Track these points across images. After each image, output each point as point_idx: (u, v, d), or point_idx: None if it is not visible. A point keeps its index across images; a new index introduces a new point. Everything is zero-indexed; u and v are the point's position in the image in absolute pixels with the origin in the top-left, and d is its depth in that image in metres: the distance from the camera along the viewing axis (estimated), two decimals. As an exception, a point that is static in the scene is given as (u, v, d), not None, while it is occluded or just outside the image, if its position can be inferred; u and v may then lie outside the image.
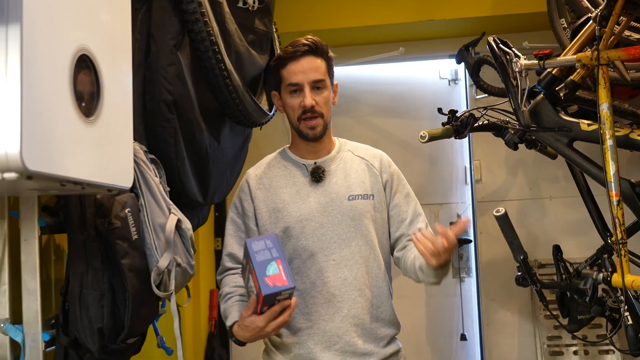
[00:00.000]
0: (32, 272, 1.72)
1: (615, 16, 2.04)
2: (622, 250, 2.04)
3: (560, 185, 3.81)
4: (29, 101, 1.18)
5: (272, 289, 1.70)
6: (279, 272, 1.73)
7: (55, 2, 1.30)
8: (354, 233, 1.98)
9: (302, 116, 2.00)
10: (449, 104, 3.98)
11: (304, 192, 2.02)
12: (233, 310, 1.95)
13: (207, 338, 3.76)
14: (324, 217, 1.98)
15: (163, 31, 2.22)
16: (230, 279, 2.03)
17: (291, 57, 1.99)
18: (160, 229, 1.93)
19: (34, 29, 1.20)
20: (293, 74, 1.99)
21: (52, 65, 1.28)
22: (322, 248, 1.96)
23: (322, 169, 2.03)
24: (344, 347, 1.92)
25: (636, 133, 2.12)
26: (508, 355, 3.82)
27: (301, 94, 1.99)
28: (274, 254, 1.75)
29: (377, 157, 2.12)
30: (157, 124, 2.23)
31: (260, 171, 2.11)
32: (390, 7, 3.70)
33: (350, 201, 2.00)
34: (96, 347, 1.81)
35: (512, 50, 2.35)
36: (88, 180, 1.41)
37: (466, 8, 3.66)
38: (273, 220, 2.00)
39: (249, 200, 2.06)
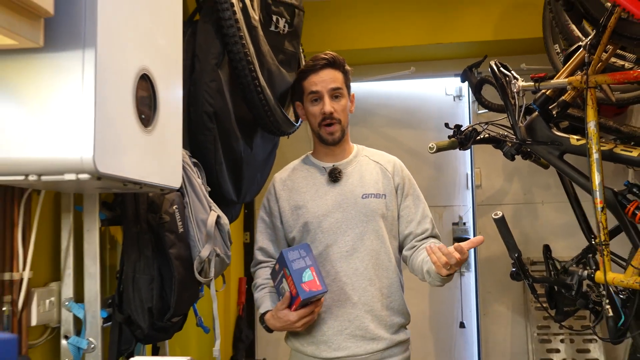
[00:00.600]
0: (93, 258, 1.78)
1: (603, 45, 2.05)
2: (604, 250, 2.05)
3: (551, 192, 3.80)
4: (100, 114, 1.24)
5: (308, 294, 1.75)
6: (313, 279, 1.78)
7: (123, 30, 1.36)
8: (366, 228, 1.98)
9: (322, 122, 2.01)
10: (454, 118, 3.99)
11: (322, 191, 2.02)
12: (265, 300, 1.97)
13: (235, 320, 3.79)
14: (339, 213, 1.98)
15: (206, 52, 2.27)
16: (262, 271, 2.05)
17: (312, 69, 2.03)
18: (202, 223, 1.98)
19: (105, 53, 1.26)
20: (313, 84, 2.02)
21: (119, 83, 1.34)
22: (336, 241, 1.97)
23: (339, 170, 2.04)
24: (354, 332, 1.92)
25: (619, 148, 2.12)
26: (502, 342, 3.82)
27: (321, 102, 2.01)
28: (308, 262, 1.80)
29: (390, 162, 2.11)
30: (199, 132, 2.28)
31: (284, 175, 2.13)
32: (403, 31, 3.71)
33: (364, 199, 1.99)
34: (146, 324, 1.85)
35: (511, 72, 2.36)
36: (145, 181, 1.47)
37: (470, 33, 3.67)
38: (294, 217, 2.02)
39: (274, 200, 2.08)
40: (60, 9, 1.20)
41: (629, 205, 2.11)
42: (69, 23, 1.22)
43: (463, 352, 3.91)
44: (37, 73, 1.23)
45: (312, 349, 1.95)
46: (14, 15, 1.10)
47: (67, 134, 1.22)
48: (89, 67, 1.22)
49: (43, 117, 1.23)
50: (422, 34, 3.71)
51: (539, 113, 2.32)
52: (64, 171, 1.24)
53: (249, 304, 3.97)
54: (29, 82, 1.23)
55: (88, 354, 1.76)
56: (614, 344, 2.13)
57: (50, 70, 1.22)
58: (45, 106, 1.23)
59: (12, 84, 1.23)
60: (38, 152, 1.23)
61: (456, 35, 3.69)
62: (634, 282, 1.96)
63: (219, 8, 2.23)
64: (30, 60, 1.22)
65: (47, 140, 1.23)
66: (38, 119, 1.23)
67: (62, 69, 1.22)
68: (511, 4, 3.60)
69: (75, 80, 1.22)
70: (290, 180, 2.09)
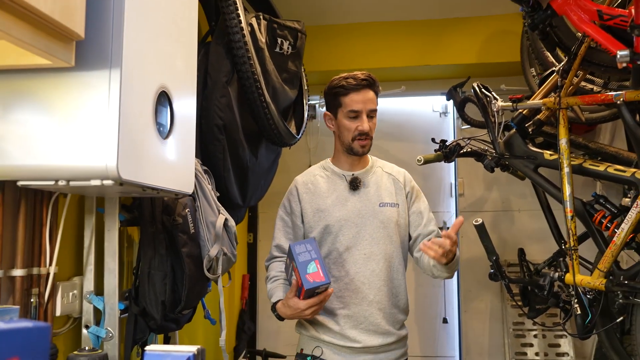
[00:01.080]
0: (113, 255, 1.79)
1: (574, 70, 2.08)
2: (574, 255, 2.09)
3: (527, 201, 3.82)
4: (123, 126, 1.27)
5: (312, 284, 1.74)
6: (317, 270, 1.76)
7: (145, 52, 1.39)
8: (382, 234, 1.97)
9: (357, 137, 1.97)
10: (440, 133, 4.01)
11: (343, 198, 2.00)
12: (278, 290, 1.95)
13: (239, 313, 3.80)
14: (359, 219, 1.97)
15: (218, 70, 2.31)
16: (276, 265, 2.02)
17: (354, 88, 1.96)
18: (211, 225, 2.00)
19: (129, 72, 1.29)
20: (355, 102, 1.96)
21: (140, 99, 1.37)
22: (356, 244, 1.95)
23: (360, 180, 2.02)
24: (368, 327, 1.92)
25: (588, 163, 2.15)
26: (481, 337, 3.83)
27: (358, 119, 1.96)
28: (313, 255, 1.78)
29: (401, 173, 2.12)
30: (209, 142, 2.31)
31: (307, 178, 2.08)
32: (395, 54, 3.74)
33: (381, 207, 1.99)
34: (159, 315, 1.87)
35: (491, 93, 2.39)
36: (162, 187, 1.49)
37: (456, 56, 3.70)
38: (316, 218, 1.99)
39: (297, 201, 2.03)
40: (90, 32, 1.22)
41: (595, 214, 2.14)
42: (98, 45, 1.25)
43: (445, 346, 3.92)
44: (67, 89, 1.25)
45: (329, 337, 1.94)
46: (50, 39, 1.13)
47: (93, 144, 1.25)
48: (115, 85, 1.25)
49: (72, 128, 1.26)
50: (412, 56, 3.74)
51: (516, 130, 2.35)
52: (90, 177, 1.27)
53: (252, 299, 3.99)
54: (61, 98, 1.26)
55: (106, 342, 1.77)
56: (582, 340, 2.15)
57: (80, 87, 1.25)
58: (74, 119, 1.26)
59: (45, 99, 1.26)
60: (67, 160, 1.26)
61: (443, 57, 3.71)
62: (599, 284, 1.99)
63: (230, 32, 2.26)
64: (62, 78, 1.25)
65: (76, 149, 1.25)
66: (68, 130, 1.25)
67: (90, 86, 1.25)
68: (493, 31, 3.63)
69: (102, 96, 1.25)
70: (312, 184, 2.05)
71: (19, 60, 1.20)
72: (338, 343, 1.92)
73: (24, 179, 1.33)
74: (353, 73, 2.00)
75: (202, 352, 1.24)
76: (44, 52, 1.12)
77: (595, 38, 1.82)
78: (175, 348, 1.20)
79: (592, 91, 2.32)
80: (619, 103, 1.85)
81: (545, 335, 3.55)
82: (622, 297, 1.94)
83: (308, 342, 1.99)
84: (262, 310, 4.03)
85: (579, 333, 2.11)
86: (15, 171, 1.30)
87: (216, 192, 2.18)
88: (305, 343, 2.00)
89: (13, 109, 1.28)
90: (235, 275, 3.72)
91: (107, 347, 1.77)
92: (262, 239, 4.09)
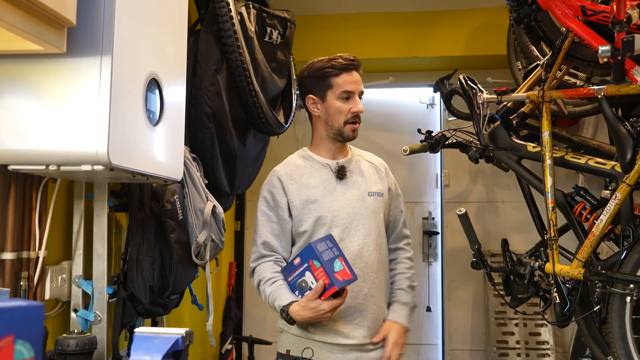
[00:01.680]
0: (101, 240, 1.82)
1: (558, 65, 2.11)
2: (554, 245, 2.12)
3: (511, 192, 3.85)
4: (114, 113, 1.29)
5: (342, 283, 1.66)
6: (343, 268, 1.69)
7: (136, 39, 1.40)
8: (373, 224, 1.90)
9: (350, 120, 1.90)
10: (426, 124, 4.04)
11: (331, 187, 1.90)
12: (283, 292, 1.78)
13: (225, 300, 3.83)
14: (351, 209, 1.88)
15: (207, 59, 2.31)
16: (268, 266, 1.86)
17: (345, 68, 1.89)
18: (199, 212, 2.02)
19: (120, 59, 1.31)
20: (347, 82, 1.88)
21: (131, 86, 1.38)
22: (349, 235, 1.86)
23: (346, 168, 1.93)
24: (362, 322, 1.84)
25: (570, 155, 2.18)
26: (464, 325, 3.88)
27: (351, 101, 1.89)
28: (336, 252, 1.70)
29: (382, 163, 2.06)
30: (198, 130, 2.32)
31: (289, 169, 1.94)
32: (383, 45, 3.75)
33: (370, 197, 1.92)
34: (147, 300, 1.89)
35: (477, 85, 2.41)
36: (152, 173, 1.52)
37: (443, 48, 3.72)
38: (306, 211, 1.87)
39: (282, 193, 1.89)
40: (81, 19, 1.24)
41: (576, 205, 2.18)
42: (89, 32, 1.27)
43: (429, 333, 3.97)
44: (59, 76, 1.27)
45: (321, 335, 1.83)
46: (42, 25, 1.14)
47: (84, 130, 1.27)
48: (106, 72, 1.27)
49: (63, 114, 1.27)
50: (400, 47, 3.75)
51: (500, 122, 2.37)
52: (81, 162, 1.29)
53: (238, 286, 4.01)
54: (52, 84, 1.27)
55: (95, 325, 1.79)
56: (560, 327, 2.21)
57: (71, 73, 1.27)
58: (65, 105, 1.28)
59: (37, 85, 1.27)
60: (58, 146, 1.28)
61: (431, 50, 3.73)
62: (578, 273, 2.03)
63: (219, 20, 2.27)
64: (54, 64, 1.27)
65: (67, 135, 1.27)
66: (59, 116, 1.27)
67: (81, 73, 1.27)
68: (480, 24, 3.66)
69: (93, 83, 1.27)
70: (297, 174, 1.92)
71: (11, 46, 1.21)
72: (330, 341, 1.83)
73: (15, 163, 1.35)
74: (336, 55, 1.92)
75: (190, 335, 1.27)
76: (36, 38, 1.13)
77: (578, 33, 1.85)
78: (164, 330, 1.23)
79: (575, 85, 2.36)
80: (600, 97, 1.89)
81: (526, 324, 3.61)
82: (600, 286, 1.99)
83: (295, 342, 1.86)
84: (249, 297, 4.05)
85: (557, 321, 2.15)
86: (7, 156, 1.32)
87: (205, 180, 2.20)
88: (292, 343, 1.87)
89: (4, 94, 1.30)
90: (222, 263, 3.74)
91: (95, 330, 1.79)
92: (249, 227, 4.11)
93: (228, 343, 3.64)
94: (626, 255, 1.92)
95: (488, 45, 3.63)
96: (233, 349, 3.71)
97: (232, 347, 3.69)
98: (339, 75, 1.90)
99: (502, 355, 3.56)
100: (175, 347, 1.17)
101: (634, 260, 1.91)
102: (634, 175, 1.90)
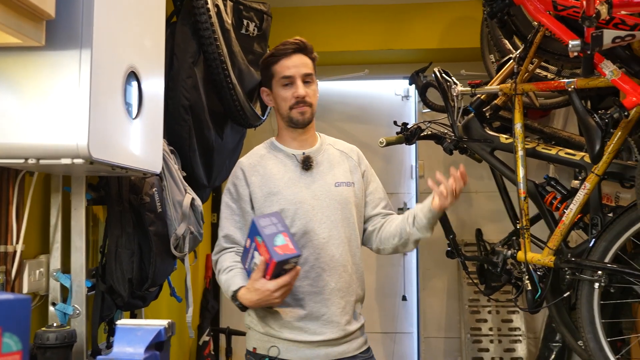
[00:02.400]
0: (79, 234, 1.81)
1: (529, 58, 2.16)
2: (525, 234, 2.18)
3: (484, 183, 3.89)
4: (94, 106, 1.29)
5: (282, 256, 1.57)
6: (286, 243, 1.60)
7: (115, 32, 1.40)
8: (340, 216, 1.84)
9: (295, 105, 1.84)
10: (401, 115, 4.07)
11: (295, 178, 1.84)
12: (236, 278, 1.75)
13: (202, 292, 3.83)
14: (315, 201, 1.82)
15: (184, 51, 2.30)
16: (228, 256, 1.83)
17: (283, 53, 1.84)
18: (178, 204, 2.02)
19: (100, 52, 1.31)
20: (286, 68, 1.83)
21: (110, 79, 1.38)
22: (313, 228, 1.80)
23: (312, 159, 1.87)
24: (331, 317, 1.78)
25: (541, 146, 2.23)
26: (438, 313, 3.95)
27: (293, 86, 1.83)
28: (280, 228, 1.62)
29: (353, 150, 2.00)
30: (176, 123, 2.31)
31: (253, 160, 1.89)
32: (359, 38, 3.77)
33: (336, 187, 1.86)
34: (126, 292, 1.88)
35: (451, 78, 2.45)
36: (131, 166, 1.52)
37: (418, 41, 3.75)
38: (268, 203, 1.81)
39: (244, 185, 1.84)
40: (60, 12, 1.24)
41: (547, 195, 2.24)
42: (68, 25, 1.26)
43: (405, 322, 4.03)
44: (38, 69, 1.27)
45: (287, 333, 1.78)
46: (20, 17, 1.14)
47: (64, 124, 1.27)
48: (85, 65, 1.27)
49: (43, 108, 1.27)
50: (375, 40, 3.78)
51: (474, 114, 2.42)
52: (60, 156, 1.29)
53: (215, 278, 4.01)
54: (31, 77, 1.27)
55: (73, 319, 1.79)
56: (532, 314, 2.26)
57: (50, 66, 1.27)
58: (45, 98, 1.27)
59: (16, 78, 1.27)
60: (38, 139, 1.28)
61: (406, 42, 3.76)
62: (548, 261, 2.09)
63: (196, 12, 2.26)
64: (33, 58, 1.26)
65: (47, 128, 1.27)
66: (39, 109, 1.27)
67: (61, 66, 1.27)
68: (454, 17, 3.70)
69: (72, 76, 1.27)
70: (261, 166, 1.87)
71: (-11, 39, 1.20)
72: (296, 338, 1.77)
73: (-7, 156, 1.34)
74: (285, 40, 1.88)
75: (172, 326, 1.29)
76: (15, 31, 1.13)
77: (549, 28, 1.90)
78: (147, 322, 1.25)
79: (547, 78, 2.41)
80: (570, 90, 1.94)
81: (498, 311, 3.69)
82: (569, 273, 2.05)
83: (261, 340, 1.81)
84: (226, 289, 4.06)
85: (529, 307, 2.21)
86: (-15, 149, 1.31)
87: (183, 172, 2.20)
88: (258, 341, 1.82)
89: (-18, 87, 1.28)
90: (199, 255, 3.73)
91: (74, 323, 1.79)
92: (226, 219, 4.11)
93: (205, 335, 3.64)
94: (594, 243, 1.99)
95: (462, 38, 3.67)
96: (210, 341, 3.72)
97: (209, 339, 3.69)
98: (277, 62, 1.86)
99: (475, 342, 3.64)
100: (157, 338, 1.19)
101: (601, 248, 1.97)
102: (602, 165, 1.97)
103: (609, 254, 1.96)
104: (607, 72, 1.76)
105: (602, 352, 1.93)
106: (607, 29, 1.62)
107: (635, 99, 1.71)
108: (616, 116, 1.77)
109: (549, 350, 3.34)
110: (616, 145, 1.94)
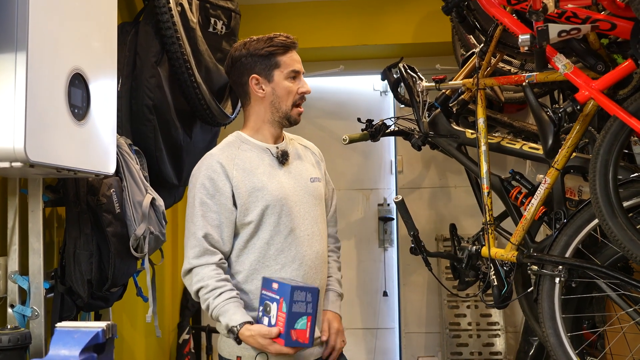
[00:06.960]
0: (37, 236, 1.81)
1: (490, 52, 2.15)
2: (489, 229, 2.19)
3: (462, 177, 3.82)
4: (31, 109, 1.29)
5: (293, 343, 1.58)
6: (305, 329, 1.58)
7: (54, 34, 1.40)
8: (318, 211, 1.84)
9: (298, 101, 1.80)
10: (380, 111, 4.09)
11: (274, 173, 1.78)
12: (236, 310, 1.67)
13: (182, 290, 3.83)
14: (297, 196, 1.79)
15: (147, 50, 2.31)
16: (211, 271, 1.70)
17: (290, 46, 1.80)
18: (138, 204, 2.02)
19: (36, 55, 1.31)
20: (295, 61, 1.79)
21: (50, 82, 1.38)
22: (298, 225, 1.77)
23: (287, 153, 1.83)
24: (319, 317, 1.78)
25: (505, 141, 2.23)
26: (419, 308, 3.96)
27: (298, 81, 1.79)
28: (309, 310, 1.59)
29: (314, 147, 1.99)
30: (140, 123, 2.32)
31: (231, 153, 1.78)
32: (333, 33, 3.77)
33: (312, 183, 1.85)
34: (86, 294, 1.89)
35: (417, 74, 2.45)
36: (78, 168, 1.52)
37: (393, 36, 3.75)
38: (253, 199, 1.73)
39: (225, 180, 1.73)
40: (-7, 16, 1.24)
41: (512, 190, 2.24)
42: (2, 29, 1.26)
43: (386, 317, 4.04)
44: (-28, 73, 1.26)
45: None
46: (-52, 22, 1.14)
47: (1, 127, 1.27)
48: (21, 68, 1.27)
49: (-21, 111, 1.27)
50: (349, 36, 3.77)
51: (440, 110, 2.41)
52: (-2, 159, 1.29)
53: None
54: (-35, 81, 1.27)
55: (32, 320, 1.79)
56: (499, 309, 2.27)
57: (-15, 70, 1.26)
58: (-20, 102, 1.27)
59: (-51, 82, 1.27)
60: (-25, 143, 1.27)
61: (380, 37, 3.76)
62: (511, 256, 2.10)
63: (157, 12, 2.27)
64: (-34, 62, 1.26)
65: (-17, 132, 1.27)
66: (-26, 113, 1.27)
67: (-5, 70, 1.26)
68: (428, 12, 3.69)
69: (8, 80, 1.27)
70: (240, 159, 1.77)
71: None
72: None
73: None
74: (274, 34, 1.81)
75: (112, 328, 1.29)
76: (-57, 36, 1.13)
77: (503, 22, 1.90)
78: (85, 324, 1.26)
79: (510, 72, 2.41)
80: (524, 85, 1.94)
81: (477, 306, 3.70)
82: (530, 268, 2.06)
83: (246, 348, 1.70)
84: (207, 287, 4.06)
85: (495, 303, 2.21)
86: None
87: (145, 172, 2.20)
88: (242, 349, 1.71)
89: None
90: (178, 254, 3.74)
91: (33, 325, 1.79)
92: (206, 218, 4.11)
93: (185, 333, 3.65)
94: (555, 237, 1.99)
95: (437, 32, 3.65)
96: (191, 339, 3.72)
97: (189, 337, 3.70)
98: (285, 54, 1.78)
99: (454, 337, 3.66)
100: (95, 340, 1.19)
101: (562, 243, 1.97)
102: (562, 159, 1.97)
103: (569, 248, 1.96)
104: (560, 66, 1.76)
105: (561, 347, 1.94)
106: (552, 23, 1.63)
107: (588, 92, 1.72)
108: (569, 110, 1.78)
109: (528, 344, 3.34)
110: (575, 139, 1.94)
